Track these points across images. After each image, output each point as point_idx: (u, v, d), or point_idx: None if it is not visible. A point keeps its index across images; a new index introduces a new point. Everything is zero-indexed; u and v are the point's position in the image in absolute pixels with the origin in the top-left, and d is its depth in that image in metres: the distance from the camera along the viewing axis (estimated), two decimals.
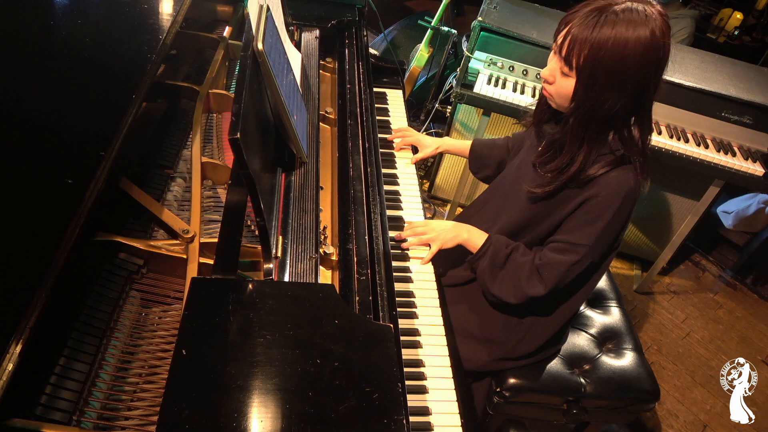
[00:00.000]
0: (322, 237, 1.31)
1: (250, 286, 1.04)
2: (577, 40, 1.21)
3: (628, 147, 1.29)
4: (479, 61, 2.49)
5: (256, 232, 1.23)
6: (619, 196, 1.29)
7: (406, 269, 1.50)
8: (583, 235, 1.34)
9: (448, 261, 1.64)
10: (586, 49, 1.20)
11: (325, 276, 1.29)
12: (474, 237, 1.49)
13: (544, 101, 1.42)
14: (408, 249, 1.52)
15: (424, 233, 1.51)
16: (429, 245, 1.52)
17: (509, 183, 1.56)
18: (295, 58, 1.58)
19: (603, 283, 1.96)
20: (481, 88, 2.41)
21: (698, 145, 2.38)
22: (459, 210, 3.01)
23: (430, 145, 1.84)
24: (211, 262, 1.16)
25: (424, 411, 1.21)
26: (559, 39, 1.25)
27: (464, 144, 1.84)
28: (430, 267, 1.52)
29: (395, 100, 2.05)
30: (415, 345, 1.33)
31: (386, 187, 1.66)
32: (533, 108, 1.52)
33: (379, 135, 1.78)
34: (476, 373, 1.62)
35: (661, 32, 1.18)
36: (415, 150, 1.88)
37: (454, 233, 1.49)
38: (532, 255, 1.42)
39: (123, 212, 1.27)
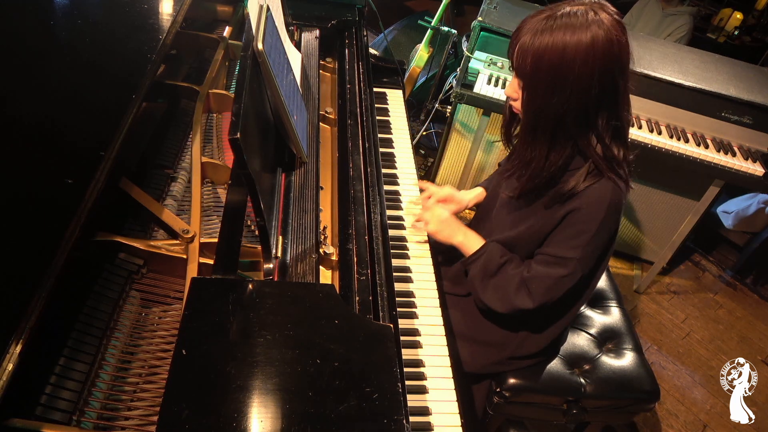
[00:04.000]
0: (322, 237, 1.31)
1: (250, 286, 1.04)
2: (520, 49, 1.22)
3: (594, 157, 1.26)
4: (479, 61, 2.49)
5: (256, 232, 1.23)
6: (602, 207, 1.28)
7: (406, 269, 1.50)
8: (568, 248, 1.33)
9: (445, 260, 1.65)
10: (528, 57, 1.21)
11: (325, 276, 1.29)
12: (469, 242, 1.49)
13: (509, 116, 1.43)
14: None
15: (424, 217, 1.54)
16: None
17: (494, 207, 1.56)
18: (295, 58, 1.58)
19: (603, 283, 1.96)
20: (481, 88, 2.41)
21: (698, 145, 2.38)
22: None
23: (462, 203, 1.70)
24: (211, 262, 1.16)
25: (424, 411, 1.21)
26: (511, 53, 1.26)
27: (478, 191, 1.74)
28: (429, 267, 1.52)
29: (395, 100, 2.05)
30: (415, 345, 1.33)
31: (386, 187, 1.66)
32: None
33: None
34: (476, 375, 1.62)
35: (606, 36, 1.15)
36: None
37: (450, 232, 1.51)
38: (522, 267, 1.41)
39: (123, 212, 1.27)
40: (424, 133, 3.25)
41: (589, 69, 1.16)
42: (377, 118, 1.81)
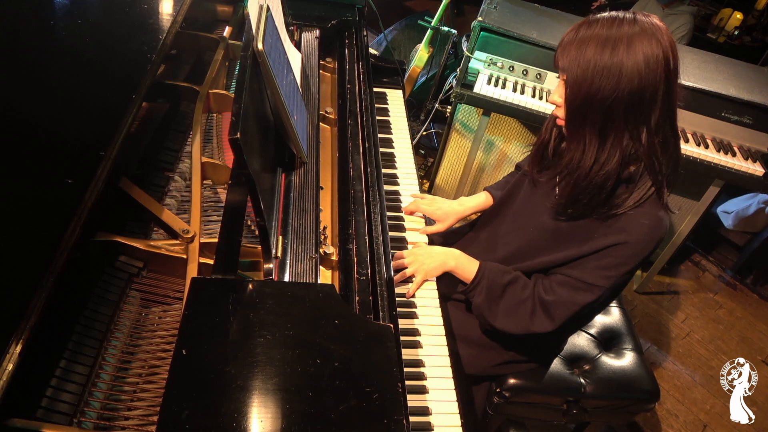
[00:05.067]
0: (322, 237, 1.31)
1: (250, 286, 1.04)
2: (564, 42, 1.19)
3: (641, 153, 1.19)
4: (479, 61, 2.49)
5: (256, 232, 1.23)
6: (650, 244, 1.22)
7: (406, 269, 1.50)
8: (601, 277, 1.27)
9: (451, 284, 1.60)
10: (572, 49, 1.17)
11: (325, 276, 1.29)
12: (463, 264, 1.44)
13: (544, 141, 1.38)
14: (397, 281, 1.45)
15: (408, 264, 1.45)
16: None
17: (510, 211, 1.52)
18: (295, 58, 1.58)
19: None
20: (481, 88, 2.41)
21: (698, 145, 2.38)
22: None
23: (445, 219, 1.66)
24: (211, 262, 1.16)
25: (424, 411, 1.21)
26: (557, 54, 1.22)
27: (480, 198, 1.71)
28: None
29: (395, 100, 2.05)
30: (415, 345, 1.33)
31: (386, 187, 1.66)
32: (535, 109, 1.50)
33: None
34: (477, 376, 1.62)
35: (659, 35, 1.13)
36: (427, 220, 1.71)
37: (440, 261, 1.44)
38: (531, 287, 1.36)
39: (123, 212, 1.27)
40: (424, 133, 3.25)
41: (642, 64, 1.12)
42: (377, 118, 1.81)
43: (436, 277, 1.47)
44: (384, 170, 1.69)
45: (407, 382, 1.02)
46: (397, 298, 1.25)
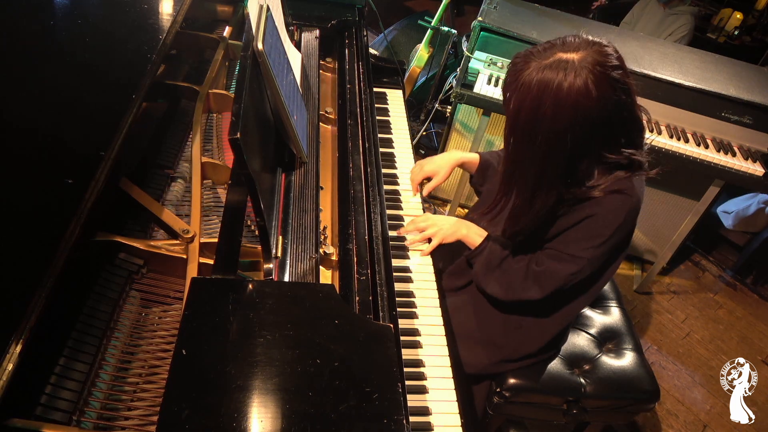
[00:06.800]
0: (322, 237, 1.31)
1: (250, 286, 1.04)
2: (504, 84, 1.25)
3: (578, 194, 1.28)
4: (479, 61, 2.49)
5: (256, 232, 1.23)
6: (621, 215, 1.28)
7: (406, 269, 1.50)
8: (580, 248, 1.34)
9: (446, 261, 1.65)
10: (506, 93, 1.24)
11: (325, 276, 1.29)
12: (472, 234, 1.52)
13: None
14: (409, 244, 1.55)
15: (426, 228, 1.54)
16: (429, 240, 1.55)
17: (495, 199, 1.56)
18: (295, 58, 1.58)
19: None
20: (481, 88, 2.41)
21: (698, 145, 2.38)
22: (459, 210, 3.02)
23: (441, 168, 1.71)
24: (211, 262, 1.16)
25: (424, 411, 1.21)
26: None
27: (474, 155, 1.75)
28: (429, 267, 1.52)
29: (395, 100, 2.05)
30: (415, 345, 1.33)
31: (386, 187, 1.66)
32: None
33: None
34: (477, 375, 1.62)
35: (578, 90, 1.13)
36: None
37: (454, 228, 1.53)
38: (526, 260, 1.42)
39: (123, 212, 1.27)
40: (424, 133, 3.25)
41: (560, 124, 1.16)
42: (377, 118, 1.81)
43: (446, 242, 1.54)
44: (384, 170, 1.69)
45: (407, 382, 1.02)
46: (397, 298, 1.25)
